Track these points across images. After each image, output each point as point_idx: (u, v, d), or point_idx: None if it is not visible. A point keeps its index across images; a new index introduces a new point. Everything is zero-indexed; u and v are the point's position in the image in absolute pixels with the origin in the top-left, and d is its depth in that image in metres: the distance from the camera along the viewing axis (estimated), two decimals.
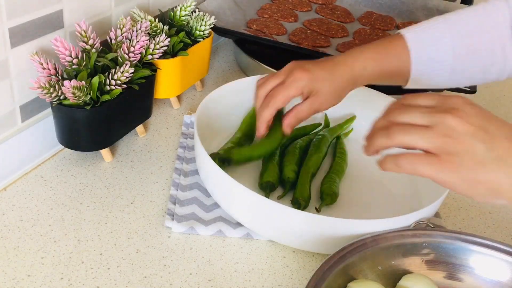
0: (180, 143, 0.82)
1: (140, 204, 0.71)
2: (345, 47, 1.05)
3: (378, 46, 0.73)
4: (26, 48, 0.68)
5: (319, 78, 0.70)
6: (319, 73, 0.70)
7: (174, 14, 0.88)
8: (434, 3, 1.23)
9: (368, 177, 0.79)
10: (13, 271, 0.59)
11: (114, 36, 0.76)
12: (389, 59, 0.72)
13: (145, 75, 0.77)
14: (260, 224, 0.65)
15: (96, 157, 0.77)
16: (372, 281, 0.57)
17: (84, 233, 0.65)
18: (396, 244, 0.60)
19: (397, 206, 0.73)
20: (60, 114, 0.71)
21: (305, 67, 0.70)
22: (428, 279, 0.58)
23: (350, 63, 0.71)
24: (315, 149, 0.79)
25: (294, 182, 0.73)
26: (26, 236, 0.64)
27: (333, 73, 0.71)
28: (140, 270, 0.61)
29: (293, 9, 1.21)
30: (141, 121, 0.82)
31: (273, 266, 0.64)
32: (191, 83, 0.93)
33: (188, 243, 0.66)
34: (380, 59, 0.72)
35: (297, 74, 0.69)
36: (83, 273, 0.60)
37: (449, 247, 0.61)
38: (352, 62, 0.72)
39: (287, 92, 0.69)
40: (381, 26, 1.17)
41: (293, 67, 0.71)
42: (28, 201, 0.69)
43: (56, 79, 0.69)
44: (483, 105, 1.06)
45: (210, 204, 0.71)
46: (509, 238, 0.73)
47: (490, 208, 0.78)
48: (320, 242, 0.63)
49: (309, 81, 0.69)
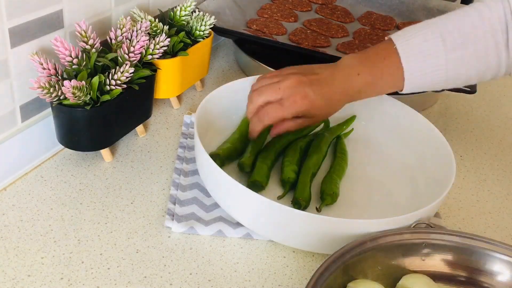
0: (180, 143, 0.82)
1: (140, 204, 0.71)
2: (345, 47, 1.05)
3: (374, 66, 0.74)
4: (26, 48, 0.68)
5: (317, 106, 0.74)
6: (318, 102, 0.74)
7: (174, 14, 0.88)
8: (434, 3, 1.22)
9: (368, 177, 0.79)
10: (13, 271, 0.59)
11: (114, 36, 0.76)
12: (384, 80, 0.74)
13: (145, 75, 0.77)
14: (260, 224, 0.65)
15: (96, 157, 0.77)
16: (372, 281, 0.57)
17: (84, 233, 0.65)
18: (396, 244, 0.60)
19: (397, 206, 0.73)
20: (60, 114, 0.71)
21: (305, 91, 0.73)
22: (428, 279, 0.58)
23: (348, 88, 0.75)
24: (315, 149, 0.79)
25: (294, 182, 0.73)
26: (26, 236, 0.64)
27: (331, 100, 0.75)
28: (140, 270, 0.61)
29: (293, 9, 1.21)
30: (141, 121, 0.82)
31: (273, 266, 0.64)
32: (191, 83, 0.93)
33: (188, 243, 0.66)
34: (375, 84, 0.75)
35: (297, 99, 0.73)
36: (83, 273, 0.60)
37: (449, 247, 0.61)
38: (349, 87, 0.75)
39: (281, 113, 0.74)
40: (381, 26, 1.17)
41: (294, 84, 0.73)
42: (28, 201, 0.69)
43: (56, 79, 0.69)
44: (483, 105, 1.07)
45: (210, 204, 0.71)
46: (509, 238, 0.73)
47: (490, 208, 0.78)
48: (320, 242, 0.63)
49: (307, 108, 0.74)
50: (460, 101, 1.06)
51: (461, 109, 1.04)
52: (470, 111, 1.03)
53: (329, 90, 0.74)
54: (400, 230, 0.61)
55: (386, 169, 0.81)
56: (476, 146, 0.93)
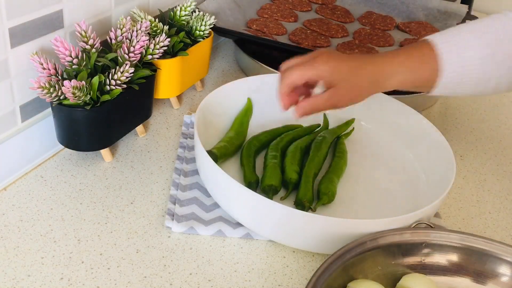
0: (180, 143, 0.82)
1: (140, 204, 0.71)
2: (345, 47, 1.05)
3: (411, 55, 0.69)
4: (26, 48, 0.68)
5: (342, 71, 0.67)
6: (343, 66, 0.67)
7: (174, 14, 0.88)
8: (434, 3, 1.22)
9: (368, 177, 0.79)
10: (13, 271, 0.59)
11: (114, 36, 0.76)
12: (422, 69, 0.69)
13: (145, 75, 0.77)
14: (260, 224, 0.65)
15: (96, 157, 0.77)
16: (372, 281, 0.57)
17: (84, 233, 0.65)
18: (396, 244, 0.60)
19: (397, 206, 0.73)
20: (60, 114, 0.71)
21: (332, 55, 0.68)
22: (428, 279, 0.58)
23: (380, 64, 0.68)
24: (317, 150, 0.78)
25: (296, 183, 0.73)
26: (26, 236, 0.64)
27: (357, 70, 0.68)
28: (140, 270, 0.61)
29: (293, 9, 1.21)
30: (141, 121, 0.82)
31: (273, 266, 0.64)
32: (191, 83, 0.93)
33: (188, 243, 0.66)
34: (414, 68, 0.68)
35: (320, 59, 0.67)
36: (83, 273, 0.60)
37: (449, 247, 0.61)
38: (383, 64, 0.69)
39: (304, 70, 0.67)
40: (381, 26, 1.17)
41: (320, 53, 0.68)
42: (28, 201, 0.69)
43: (56, 79, 0.69)
44: (484, 105, 1.07)
45: (210, 204, 0.71)
46: (509, 238, 0.73)
47: (490, 208, 0.78)
48: (320, 242, 0.63)
49: (330, 70, 0.67)
50: (460, 101, 1.06)
51: (461, 109, 1.04)
52: (470, 111, 1.03)
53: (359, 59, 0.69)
54: (400, 230, 0.61)
55: (386, 169, 0.81)
56: (476, 146, 0.93)
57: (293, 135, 0.82)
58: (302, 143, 0.80)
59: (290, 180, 0.73)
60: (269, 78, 0.86)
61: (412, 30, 1.16)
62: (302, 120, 0.86)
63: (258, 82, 0.86)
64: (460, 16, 1.18)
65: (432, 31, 1.15)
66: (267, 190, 0.71)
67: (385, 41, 1.10)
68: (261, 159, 0.78)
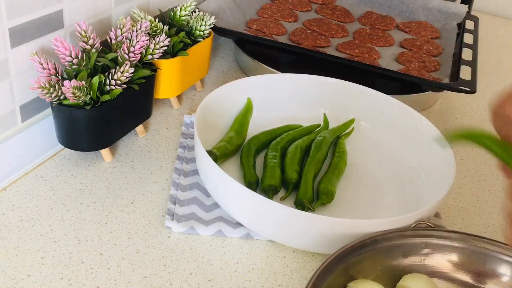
0: (180, 143, 0.82)
1: (140, 204, 0.71)
2: (345, 47, 1.05)
3: None
4: (26, 48, 0.68)
5: None
6: None
7: (174, 14, 0.88)
8: (434, 3, 1.22)
9: (368, 177, 0.79)
10: (13, 271, 0.59)
11: (114, 36, 0.76)
12: None
13: (145, 75, 0.77)
14: (260, 224, 0.65)
15: (96, 157, 0.77)
16: (372, 281, 0.57)
17: (84, 233, 0.65)
18: (396, 244, 0.60)
19: (397, 206, 0.73)
20: (60, 114, 0.71)
21: None
22: (428, 279, 0.58)
23: None
24: (317, 150, 0.78)
25: (297, 182, 0.73)
26: (26, 236, 0.64)
27: None
28: (140, 270, 0.61)
29: (293, 9, 1.21)
30: (141, 121, 0.82)
31: (273, 266, 0.64)
32: (191, 83, 0.93)
33: (188, 243, 0.66)
34: None
35: None
36: (83, 273, 0.60)
37: (449, 247, 0.61)
38: None
39: None
40: (381, 26, 1.17)
41: None
42: (28, 201, 0.69)
43: (56, 79, 0.69)
44: (483, 105, 1.07)
45: (210, 204, 0.71)
46: None
47: (490, 208, 0.78)
48: (320, 242, 0.63)
49: None
50: (460, 101, 1.06)
51: (461, 109, 1.04)
52: (470, 111, 1.03)
53: None
54: (400, 230, 0.61)
55: (386, 169, 0.81)
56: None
57: (293, 135, 0.82)
58: (302, 143, 0.80)
59: (290, 180, 0.73)
60: (269, 78, 0.86)
61: (412, 30, 1.16)
62: (302, 120, 0.86)
63: (258, 82, 0.86)
64: (460, 16, 1.18)
65: (432, 31, 1.16)
66: (267, 190, 0.71)
67: (385, 41, 1.10)
68: (261, 159, 0.78)
